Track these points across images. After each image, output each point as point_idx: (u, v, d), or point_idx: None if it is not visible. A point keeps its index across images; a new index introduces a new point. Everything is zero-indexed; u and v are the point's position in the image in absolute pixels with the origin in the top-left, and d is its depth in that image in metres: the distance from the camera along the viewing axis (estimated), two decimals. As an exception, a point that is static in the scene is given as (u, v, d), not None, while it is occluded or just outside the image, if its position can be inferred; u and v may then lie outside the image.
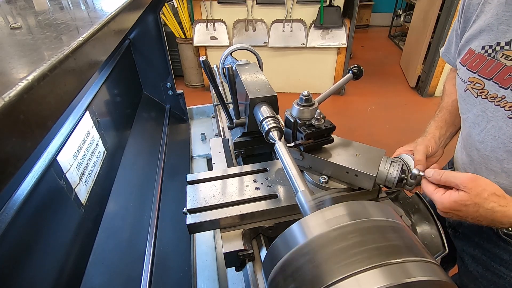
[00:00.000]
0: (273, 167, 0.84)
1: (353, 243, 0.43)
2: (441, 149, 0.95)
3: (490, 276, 0.87)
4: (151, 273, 0.91)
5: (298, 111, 0.74)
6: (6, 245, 0.60)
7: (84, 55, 0.44)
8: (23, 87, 0.29)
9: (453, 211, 0.65)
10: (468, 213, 0.64)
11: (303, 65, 4.23)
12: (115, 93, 1.41)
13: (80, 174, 0.91)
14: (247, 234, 0.71)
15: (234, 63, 1.08)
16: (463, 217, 0.65)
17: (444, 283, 0.41)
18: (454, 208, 0.64)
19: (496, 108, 0.72)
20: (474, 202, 0.62)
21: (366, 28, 7.63)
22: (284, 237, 0.49)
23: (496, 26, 0.71)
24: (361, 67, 0.95)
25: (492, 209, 0.62)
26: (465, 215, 0.65)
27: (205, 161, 1.61)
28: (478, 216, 0.64)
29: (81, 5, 0.75)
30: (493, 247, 0.85)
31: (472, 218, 0.65)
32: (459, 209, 0.64)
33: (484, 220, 0.64)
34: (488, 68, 0.73)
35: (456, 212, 0.65)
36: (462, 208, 0.63)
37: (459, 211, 0.64)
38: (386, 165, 0.72)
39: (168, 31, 4.05)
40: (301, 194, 0.56)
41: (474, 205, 0.63)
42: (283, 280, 0.46)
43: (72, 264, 0.79)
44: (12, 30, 0.51)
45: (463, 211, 0.64)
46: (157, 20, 1.60)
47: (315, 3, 3.75)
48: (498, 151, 0.74)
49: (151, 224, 1.07)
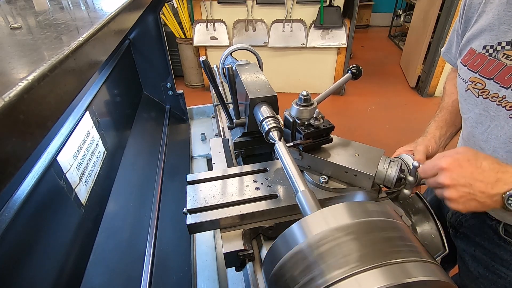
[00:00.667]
0: (273, 167, 0.84)
1: (353, 243, 0.43)
2: (441, 149, 0.95)
3: (491, 276, 0.87)
4: (151, 273, 0.91)
5: (297, 111, 0.74)
6: (6, 245, 0.60)
7: (84, 55, 0.44)
8: (23, 87, 0.29)
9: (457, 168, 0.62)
10: (472, 168, 0.61)
11: (303, 65, 4.23)
12: (115, 93, 1.41)
13: (80, 174, 0.91)
14: (247, 234, 0.71)
15: (234, 63, 1.08)
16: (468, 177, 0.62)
17: (444, 283, 0.41)
18: (459, 162, 0.62)
19: (498, 108, 0.72)
20: (474, 155, 0.62)
21: (366, 28, 7.63)
22: (284, 237, 0.49)
23: (497, 26, 0.71)
24: (360, 67, 0.95)
25: (493, 162, 0.62)
26: (469, 172, 0.62)
27: (205, 161, 1.61)
28: (481, 173, 0.61)
29: (81, 5, 0.75)
30: (494, 247, 0.85)
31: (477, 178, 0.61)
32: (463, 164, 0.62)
33: (488, 177, 0.61)
34: (489, 68, 0.73)
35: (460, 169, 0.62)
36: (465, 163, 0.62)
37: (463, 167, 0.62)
38: (385, 164, 0.72)
39: (168, 31, 4.05)
40: (301, 194, 0.56)
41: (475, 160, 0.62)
42: (283, 280, 0.46)
43: (72, 264, 0.79)
44: (12, 30, 0.51)
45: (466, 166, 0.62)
46: (157, 20, 1.60)
47: (315, 3, 3.75)
48: (499, 151, 0.74)
49: (151, 224, 1.07)
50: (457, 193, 0.63)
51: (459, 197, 0.63)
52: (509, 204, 0.60)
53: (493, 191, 0.60)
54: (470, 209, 0.64)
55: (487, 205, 0.62)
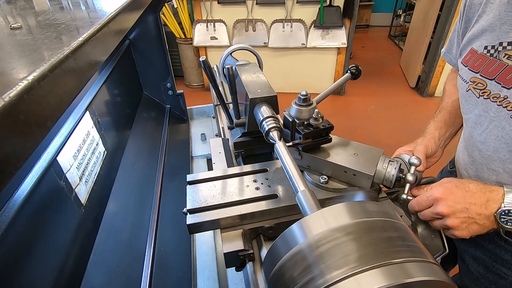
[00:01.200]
0: (273, 167, 0.84)
1: (353, 243, 0.43)
2: (440, 150, 0.95)
3: (492, 276, 0.87)
4: (151, 273, 0.91)
5: (297, 111, 0.74)
6: (6, 245, 0.60)
7: (84, 55, 0.44)
8: (23, 87, 0.29)
9: (450, 195, 0.66)
10: (462, 194, 0.65)
11: (303, 65, 4.23)
12: (115, 93, 1.41)
13: (80, 174, 0.91)
14: (247, 234, 0.71)
15: (234, 63, 1.08)
16: (461, 202, 0.65)
17: (444, 283, 0.41)
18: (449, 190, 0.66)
19: (499, 108, 0.72)
20: (454, 184, 0.66)
21: (366, 28, 7.63)
22: (284, 237, 0.49)
23: (498, 26, 0.71)
24: (359, 67, 0.95)
25: (478, 184, 0.66)
26: (460, 197, 0.65)
27: (205, 161, 1.61)
28: (471, 196, 0.65)
29: (81, 5, 0.75)
30: (495, 247, 0.85)
31: (470, 201, 0.65)
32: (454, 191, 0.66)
33: (479, 199, 0.64)
34: (491, 68, 0.73)
35: (452, 196, 0.66)
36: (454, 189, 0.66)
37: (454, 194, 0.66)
38: (384, 164, 0.72)
39: (168, 31, 4.06)
40: (301, 194, 0.56)
41: (462, 185, 0.66)
42: (283, 280, 0.46)
43: (72, 264, 0.79)
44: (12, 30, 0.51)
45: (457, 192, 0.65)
46: (157, 20, 1.60)
47: (315, 3, 3.75)
48: (501, 151, 0.74)
49: (151, 224, 1.07)
50: (457, 219, 0.66)
51: (461, 223, 0.66)
52: (502, 221, 0.64)
53: (487, 211, 0.64)
54: (473, 233, 0.68)
55: (486, 226, 0.66)
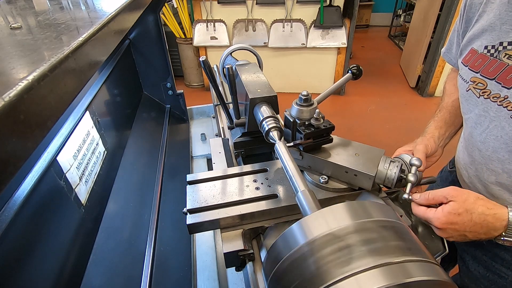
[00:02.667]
0: (273, 167, 0.84)
1: (353, 243, 0.43)
2: (440, 149, 0.95)
3: (492, 276, 0.87)
4: (151, 273, 0.91)
5: (297, 111, 0.74)
6: (6, 245, 0.60)
7: (84, 55, 0.44)
8: (23, 87, 0.29)
9: (450, 225, 0.68)
10: (464, 223, 0.67)
11: (303, 65, 4.23)
12: (115, 93, 1.41)
13: (80, 174, 0.91)
14: (247, 234, 0.71)
15: (234, 63, 1.08)
16: (460, 230, 0.68)
17: (444, 283, 0.41)
18: (450, 221, 0.67)
19: (499, 108, 0.72)
20: (464, 208, 0.66)
21: (366, 28, 7.63)
22: (284, 237, 0.49)
23: (498, 26, 0.71)
24: (360, 67, 0.95)
25: (483, 212, 0.66)
26: (461, 227, 0.67)
27: (205, 161, 1.61)
28: (473, 225, 0.66)
29: (81, 5, 0.75)
30: (495, 247, 0.85)
31: (470, 230, 0.67)
32: (454, 221, 0.67)
33: (480, 229, 0.67)
34: (491, 68, 0.73)
35: (453, 226, 0.68)
36: (456, 218, 0.67)
37: (455, 224, 0.67)
38: (385, 164, 0.72)
39: (168, 31, 4.06)
40: (301, 194, 0.56)
41: (466, 213, 0.66)
42: (283, 280, 0.46)
43: (72, 264, 0.79)
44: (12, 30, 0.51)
45: (458, 222, 0.67)
46: (157, 20, 1.60)
47: (315, 3, 3.75)
48: (500, 151, 0.74)
49: (151, 224, 1.07)
50: (452, 238, 0.71)
51: (449, 237, 0.71)
52: (499, 242, 0.68)
53: (485, 237, 0.68)
54: (460, 241, 0.71)
55: (479, 240, 0.70)
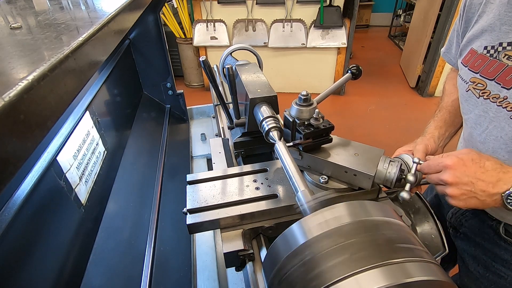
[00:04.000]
0: (273, 167, 0.84)
1: (353, 243, 0.43)
2: (440, 149, 0.95)
3: (491, 276, 0.87)
4: (151, 273, 0.91)
5: (297, 111, 0.74)
6: (6, 245, 0.60)
7: (84, 55, 0.44)
8: (23, 87, 0.29)
9: (462, 167, 0.65)
10: (475, 167, 0.64)
11: (303, 65, 4.23)
12: (115, 93, 1.41)
13: (80, 174, 0.91)
14: (247, 234, 0.71)
15: (234, 63, 1.08)
16: (471, 175, 0.64)
17: (444, 283, 0.41)
18: (463, 161, 0.65)
19: (498, 109, 0.72)
20: (471, 157, 0.65)
21: (366, 28, 7.62)
22: (284, 237, 0.49)
23: (498, 27, 0.71)
24: (359, 67, 0.95)
25: (496, 163, 0.64)
26: (472, 171, 0.64)
27: (205, 161, 1.61)
28: (484, 172, 0.64)
29: (81, 5, 0.75)
30: (494, 247, 0.85)
31: (480, 177, 0.64)
32: (467, 163, 0.65)
33: (490, 177, 0.63)
34: (490, 68, 0.73)
35: (464, 168, 0.65)
36: (469, 162, 0.65)
37: (467, 166, 0.65)
38: (384, 164, 0.72)
39: (168, 31, 4.05)
40: (301, 194, 0.56)
41: (479, 159, 0.65)
42: (284, 280, 0.46)
43: (72, 264, 0.79)
44: (12, 30, 0.51)
45: (470, 165, 0.64)
46: (157, 20, 1.60)
47: (315, 3, 3.75)
48: (499, 151, 0.74)
49: (151, 224, 1.07)
50: (459, 191, 0.65)
51: (460, 195, 0.66)
52: (508, 202, 0.62)
53: (494, 190, 0.63)
54: (470, 206, 0.67)
55: (487, 203, 0.65)
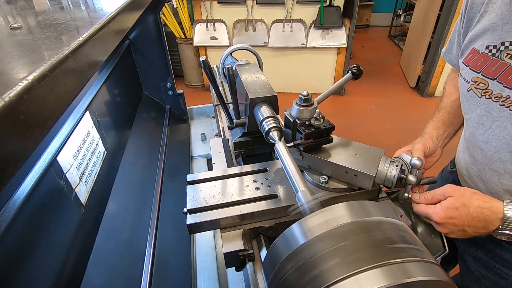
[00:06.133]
0: (273, 167, 0.84)
1: (353, 243, 0.43)
2: (439, 149, 0.95)
3: (492, 276, 0.87)
4: (151, 273, 0.91)
5: (298, 111, 0.74)
6: (6, 245, 0.60)
7: (84, 55, 0.44)
8: (23, 87, 0.29)
9: (449, 220, 0.69)
10: (462, 217, 0.68)
11: (303, 65, 4.23)
12: (115, 93, 1.41)
13: (80, 174, 0.91)
14: (247, 234, 0.71)
15: (234, 63, 1.08)
16: (459, 225, 0.69)
17: (444, 283, 0.41)
18: (449, 215, 0.69)
19: (501, 108, 0.72)
20: (461, 203, 0.68)
21: (366, 28, 7.63)
22: (284, 237, 0.49)
23: (500, 26, 0.71)
24: (360, 67, 0.95)
25: (479, 206, 0.67)
26: (460, 221, 0.69)
27: (205, 161, 1.61)
28: (471, 219, 0.68)
29: (81, 5, 0.75)
30: (495, 247, 0.85)
31: (468, 224, 0.68)
32: (453, 215, 0.69)
33: (478, 223, 0.68)
34: (492, 68, 0.72)
35: (451, 220, 0.69)
36: (455, 213, 0.69)
37: (454, 218, 0.69)
38: (385, 164, 0.72)
39: (168, 31, 4.05)
40: (301, 194, 0.56)
41: (463, 207, 0.68)
42: (284, 280, 0.46)
43: (72, 264, 0.79)
44: (12, 30, 0.51)
45: (457, 216, 0.69)
46: (157, 20, 1.60)
47: (315, 3, 3.75)
48: (501, 151, 0.74)
49: (151, 224, 1.07)
50: (452, 234, 0.72)
51: (450, 233, 0.72)
52: (497, 236, 0.69)
53: (484, 231, 0.69)
54: (459, 237, 0.73)
55: (478, 235, 0.71)
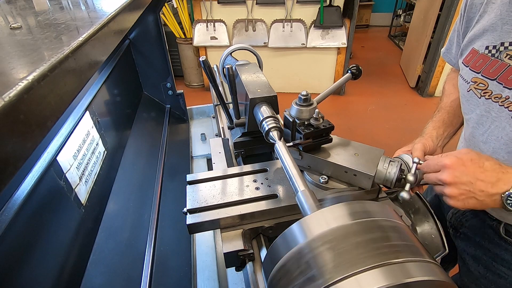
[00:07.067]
0: (273, 167, 0.84)
1: (353, 243, 0.43)
2: (439, 149, 0.95)
3: (491, 276, 0.87)
4: (151, 273, 0.91)
5: (297, 111, 0.74)
6: (6, 245, 0.60)
7: (84, 55, 0.44)
8: (23, 87, 0.29)
9: (460, 178, 0.64)
10: (474, 170, 0.63)
11: (303, 65, 4.23)
12: (115, 93, 1.41)
13: (80, 174, 0.91)
14: (247, 234, 0.71)
15: (234, 63, 1.08)
16: (470, 175, 0.63)
17: (444, 283, 0.41)
18: (462, 163, 0.64)
19: (501, 109, 0.72)
20: (470, 157, 0.64)
21: (366, 28, 7.62)
22: (284, 237, 0.49)
23: (500, 26, 0.71)
24: (359, 67, 0.95)
25: (495, 162, 0.64)
26: (472, 172, 0.63)
27: (205, 161, 1.61)
28: (483, 172, 0.63)
29: (81, 5, 0.75)
30: (494, 247, 0.85)
31: (481, 178, 0.63)
32: (467, 164, 0.64)
33: (490, 177, 0.62)
34: (492, 68, 0.72)
35: (462, 177, 0.64)
36: (464, 168, 0.64)
37: (465, 175, 0.63)
38: (384, 164, 0.72)
39: (168, 31, 4.05)
40: (301, 194, 0.56)
41: (478, 158, 0.64)
42: (283, 280, 0.46)
43: (72, 264, 0.79)
44: (12, 30, 0.51)
45: (468, 173, 0.63)
46: (157, 20, 1.60)
47: (315, 3, 3.75)
48: (500, 152, 0.74)
49: (151, 224, 1.07)
50: (457, 190, 0.65)
51: (459, 195, 0.65)
52: (508, 203, 0.61)
53: (493, 190, 0.62)
54: (468, 206, 0.66)
55: (485, 203, 0.64)
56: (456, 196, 0.65)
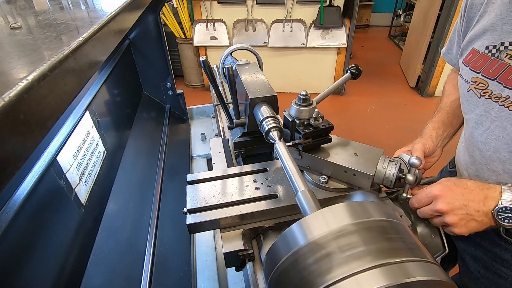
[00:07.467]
0: (273, 167, 0.84)
1: (353, 243, 0.43)
2: (439, 149, 0.95)
3: (491, 276, 0.87)
4: (151, 273, 0.91)
5: (297, 111, 0.74)
6: (6, 245, 0.60)
7: (84, 55, 0.44)
8: (23, 87, 0.29)
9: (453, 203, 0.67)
10: (463, 195, 0.66)
11: (303, 65, 4.23)
12: (115, 93, 1.41)
13: (80, 174, 0.91)
14: (247, 234, 0.71)
15: (234, 63, 1.08)
16: (461, 200, 0.66)
17: (444, 283, 0.41)
18: (450, 196, 0.67)
19: (501, 108, 0.72)
20: (452, 182, 0.68)
21: (366, 28, 7.63)
22: (284, 237, 0.49)
23: (500, 26, 0.71)
24: (359, 67, 0.95)
25: (475, 181, 0.67)
26: (463, 200, 0.66)
27: (205, 161, 1.61)
28: (470, 192, 0.66)
29: (81, 5, 0.75)
30: (494, 247, 0.85)
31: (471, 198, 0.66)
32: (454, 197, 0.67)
33: (477, 196, 0.66)
34: (492, 68, 0.72)
35: (455, 202, 0.67)
36: (452, 193, 0.67)
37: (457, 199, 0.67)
38: (384, 164, 0.72)
39: (168, 31, 4.06)
40: (301, 194, 0.56)
41: (456, 184, 0.67)
42: (283, 280, 0.46)
43: (72, 264, 0.79)
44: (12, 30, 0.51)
45: (458, 196, 0.66)
46: (157, 20, 1.60)
47: (315, 3, 3.75)
48: (501, 151, 0.74)
49: (151, 224, 1.07)
50: (456, 216, 0.68)
51: (459, 220, 0.68)
52: (499, 218, 0.65)
53: (485, 208, 0.65)
54: (472, 230, 0.69)
55: (485, 223, 0.67)
56: (458, 222, 0.68)
